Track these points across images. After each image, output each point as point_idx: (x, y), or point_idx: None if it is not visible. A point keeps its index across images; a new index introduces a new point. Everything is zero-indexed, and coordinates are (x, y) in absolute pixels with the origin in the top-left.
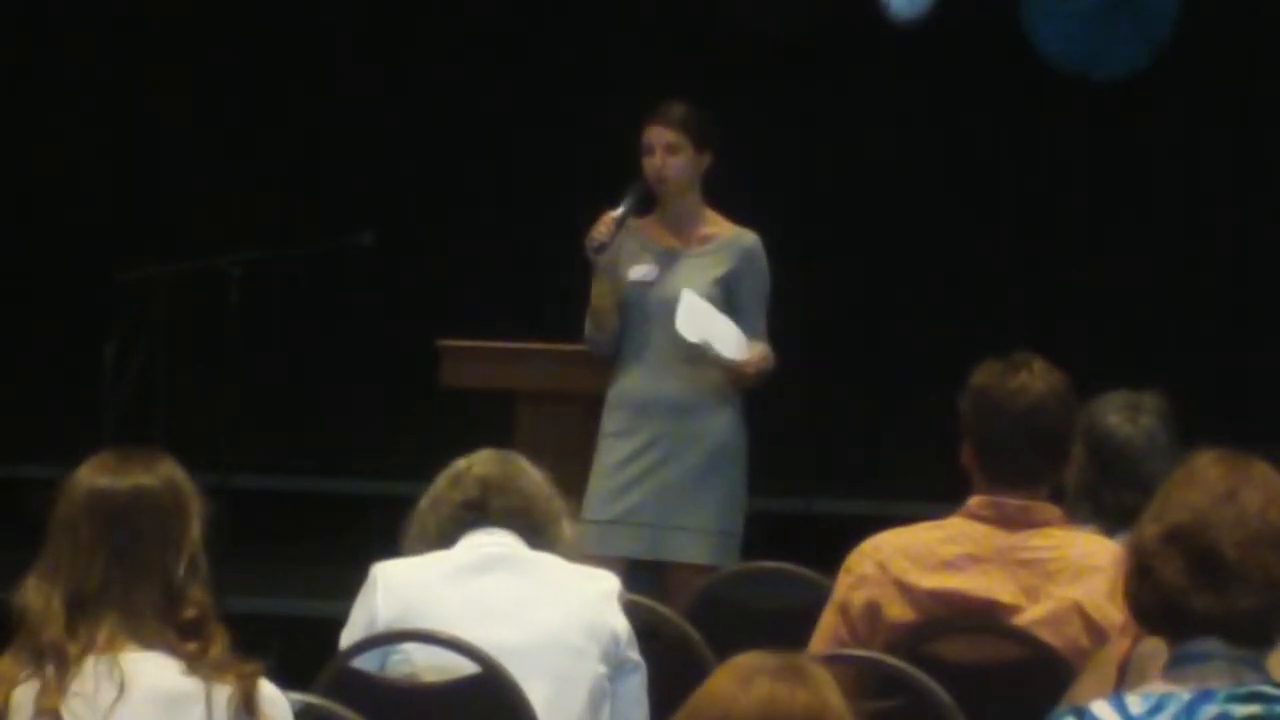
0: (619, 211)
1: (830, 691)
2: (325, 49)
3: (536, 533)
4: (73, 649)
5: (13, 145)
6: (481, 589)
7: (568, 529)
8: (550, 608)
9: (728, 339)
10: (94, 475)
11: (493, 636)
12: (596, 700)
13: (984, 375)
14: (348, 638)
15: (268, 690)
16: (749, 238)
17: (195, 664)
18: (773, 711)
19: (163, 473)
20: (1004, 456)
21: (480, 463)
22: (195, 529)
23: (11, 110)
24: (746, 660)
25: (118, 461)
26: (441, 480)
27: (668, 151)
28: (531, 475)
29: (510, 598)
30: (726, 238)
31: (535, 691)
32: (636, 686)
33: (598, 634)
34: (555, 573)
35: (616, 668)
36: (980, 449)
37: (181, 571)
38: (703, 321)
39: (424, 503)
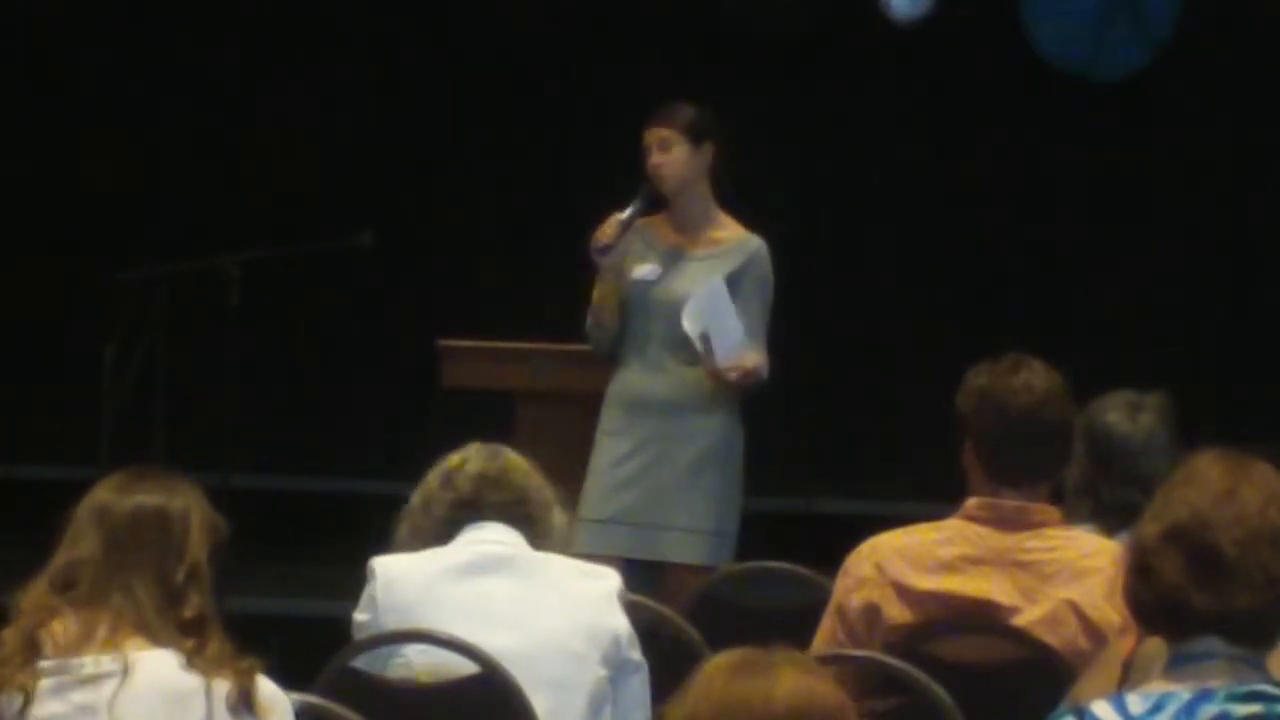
0: (626, 214)
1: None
2: (326, 48)
3: (531, 524)
4: (74, 642)
5: (13, 145)
6: (481, 592)
7: (559, 518)
8: (550, 612)
9: (725, 340)
10: (103, 490)
11: (492, 642)
12: (597, 704)
13: (985, 375)
14: (356, 633)
15: (266, 687)
16: (754, 242)
17: (194, 659)
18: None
19: (167, 493)
20: (1009, 454)
21: (471, 459)
22: (196, 547)
23: (12, 110)
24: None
25: (129, 480)
26: (432, 479)
27: (661, 147)
28: (522, 467)
29: (510, 601)
30: (733, 242)
31: (535, 698)
32: (638, 687)
33: (598, 637)
34: (556, 574)
35: (617, 669)
36: (984, 448)
37: (181, 578)
38: (711, 317)
39: (416, 500)
